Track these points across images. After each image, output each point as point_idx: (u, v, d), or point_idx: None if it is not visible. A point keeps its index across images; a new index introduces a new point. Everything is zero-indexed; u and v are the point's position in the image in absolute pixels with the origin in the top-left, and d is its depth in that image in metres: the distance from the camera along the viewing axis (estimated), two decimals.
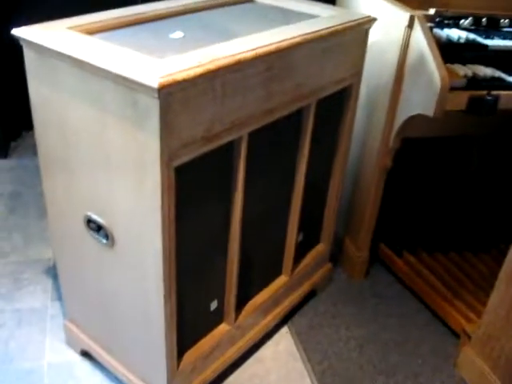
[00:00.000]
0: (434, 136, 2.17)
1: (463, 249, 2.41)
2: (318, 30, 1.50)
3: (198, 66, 1.19)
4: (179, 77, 1.14)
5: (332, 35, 1.54)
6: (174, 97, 1.16)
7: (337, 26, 1.57)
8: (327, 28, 1.53)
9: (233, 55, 1.26)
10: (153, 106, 1.15)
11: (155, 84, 1.11)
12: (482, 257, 2.37)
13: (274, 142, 1.61)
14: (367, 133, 2.06)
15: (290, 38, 1.41)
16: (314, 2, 1.82)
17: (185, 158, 1.27)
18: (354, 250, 2.26)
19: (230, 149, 1.43)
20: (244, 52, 1.29)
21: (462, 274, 2.26)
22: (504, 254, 1.72)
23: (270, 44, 1.36)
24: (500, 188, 2.35)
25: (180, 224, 1.36)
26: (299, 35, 1.44)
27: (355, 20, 1.64)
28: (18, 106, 2.86)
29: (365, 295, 2.24)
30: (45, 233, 2.46)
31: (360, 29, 1.69)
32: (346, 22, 1.60)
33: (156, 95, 1.12)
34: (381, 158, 2.00)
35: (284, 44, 1.38)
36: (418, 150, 2.30)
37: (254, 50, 1.31)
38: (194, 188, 1.39)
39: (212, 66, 1.20)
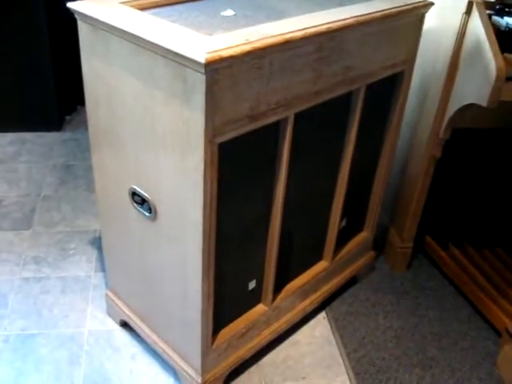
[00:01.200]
0: (488, 127, 2.11)
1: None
2: (371, 13, 1.47)
3: (245, 44, 1.18)
4: (226, 53, 1.14)
5: (385, 18, 1.51)
6: (220, 73, 1.16)
7: (391, 9, 1.54)
8: (381, 11, 1.51)
9: (281, 34, 1.25)
10: (199, 82, 1.15)
11: (202, 59, 1.11)
12: None
13: (321, 124, 1.59)
14: (418, 121, 2.02)
15: (342, 20, 1.39)
16: None
17: (229, 135, 1.27)
18: (398, 240, 2.23)
19: (275, 128, 1.43)
20: (293, 32, 1.27)
21: (509, 272, 2.20)
22: None
23: (321, 25, 1.34)
24: None
25: (221, 201, 1.37)
26: (351, 17, 1.42)
27: (411, 4, 1.61)
28: (74, 81, 2.93)
29: (406, 286, 2.21)
30: (93, 205, 2.53)
31: (415, 13, 1.65)
32: (400, 6, 1.57)
33: (202, 70, 1.13)
34: (430, 148, 1.96)
35: (335, 25, 1.36)
36: (471, 141, 2.24)
37: (303, 30, 1.29)
38: (237, 165, 1.39)
39: (259, 45, 1.20)
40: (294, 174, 1.57)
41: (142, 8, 1.44)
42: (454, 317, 2.10)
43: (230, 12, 1.48)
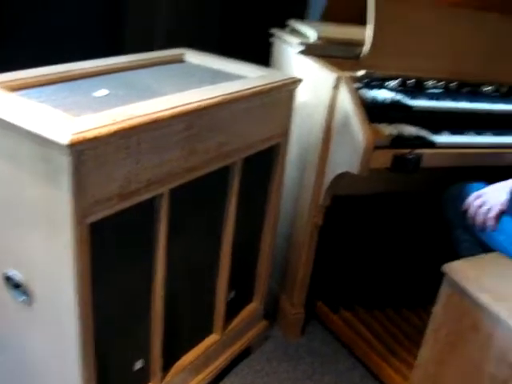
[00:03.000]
0: (365, 194, 2.22)
1: (400, 305, 2.43)
2: (241, 90, 1.53)
3: (111, 124, 1.19)
4: (91, 134, 1.15)
5: (255, 95, 1.58)
6: (86, 154, 1.16)
7: (260, 86, 1.61)
8: (250, 88, 1.57)
9: (149, 114, 1.27)
10: (64, 163, 1.15)
11: (66, 141, 1.11)
12: (418, 312, 2.39)
13: (199, 198, 1.61)
14: (299, 190, 2.09)
15: (210, 98, 1.43)
16: (245, 63, 1.86)
17: (100, 215, 1.26)
18: (290, 308, 2.25)
19: (150, 205, 1.43)
20: (161, 111, 1.30)
21: (398, 331, 2.27)
22: None
23: (189, 103, 1.38)
24: (432, 244, 2.39)
25: (98, 281, 1.34)
26: (221, 95, 1.47)
27: (280, 81, 1.69)
28: None
29: (300, 353, 2.22)
30: None
31: (285, 89, 1.73)
32: (270, 83, 1.65)
33: (67, 152, 1.13)
34: (312, 216, 2.03)
35: (203, 103, 1.40)
36: (353, 207, 2.33)
37: (171, 108, 1.32)
38: (113, 244, 1.38)
39: (126, 125, 1.21)
40: (174, 249, 1.57)
41: (12, 89, 1.43)
42: (348, 379, 2.12)
43: (102, 92, 1.50)
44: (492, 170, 1.98)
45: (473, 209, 1.78)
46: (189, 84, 1.63)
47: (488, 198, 1.74)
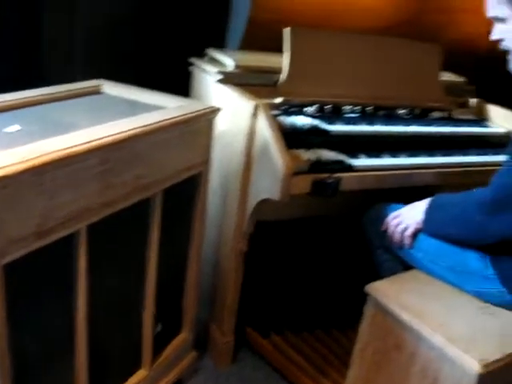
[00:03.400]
0: (288, 219, 2.24)
1: (330, 326, 2.46)
2: (159, 122, 1.53)
3: (21, 162, 1.16)
4: (0, 173, 1.12)
5: (173, 126, 1.58)
6: None
7: (179, 116, 1.61)
8: (168, 119, 1.57)
9: (62, 149, 1.25)
10: None
11: None
12: (347, 333, 2.42)
13: (120, 232, 1.59)
14: (222, 218, 2.10)
15: (128, 130, 1.42)
16: (163, 94, 1.86)
17: (15, 255, 1.22)
18: (220, 336, 2.23)
19: (69, 242, 1.39)
20: (75, 146, 1.28)
21: (328, 352, 2.30)
22: None
23: (105, 137, 1.36)
24: (357, 264, 2.44)
25: (16, 324, 1.29)
26: (137, 127, 1.46)
27: (199, 111, 1.70)
28: None
29: (231, 382, 2.20)
30: None
31: (204, 119, 1.74)
32: (188, 113, 1.65)
33: None
34: (236, 242, 2.03)
35: (120, 136, 1.39)
36: (279, 232, 2.35)
37: (86, 143, 1.30)
38: (30, 284, 1.33)
39: (37, 162, 1.18)
40: (96, 285, 1.52)
41: None
42: None
43: (14, 127, 1.46)
44: (410, 191, 2.06)
45: (391, 228, 1.84)
46: (105, 116, 1.60)
47: (404, 218, 1.81)
